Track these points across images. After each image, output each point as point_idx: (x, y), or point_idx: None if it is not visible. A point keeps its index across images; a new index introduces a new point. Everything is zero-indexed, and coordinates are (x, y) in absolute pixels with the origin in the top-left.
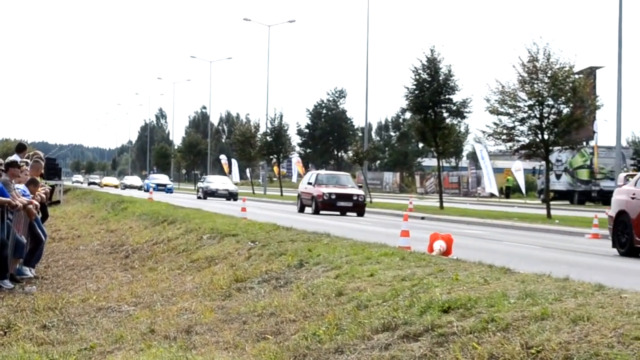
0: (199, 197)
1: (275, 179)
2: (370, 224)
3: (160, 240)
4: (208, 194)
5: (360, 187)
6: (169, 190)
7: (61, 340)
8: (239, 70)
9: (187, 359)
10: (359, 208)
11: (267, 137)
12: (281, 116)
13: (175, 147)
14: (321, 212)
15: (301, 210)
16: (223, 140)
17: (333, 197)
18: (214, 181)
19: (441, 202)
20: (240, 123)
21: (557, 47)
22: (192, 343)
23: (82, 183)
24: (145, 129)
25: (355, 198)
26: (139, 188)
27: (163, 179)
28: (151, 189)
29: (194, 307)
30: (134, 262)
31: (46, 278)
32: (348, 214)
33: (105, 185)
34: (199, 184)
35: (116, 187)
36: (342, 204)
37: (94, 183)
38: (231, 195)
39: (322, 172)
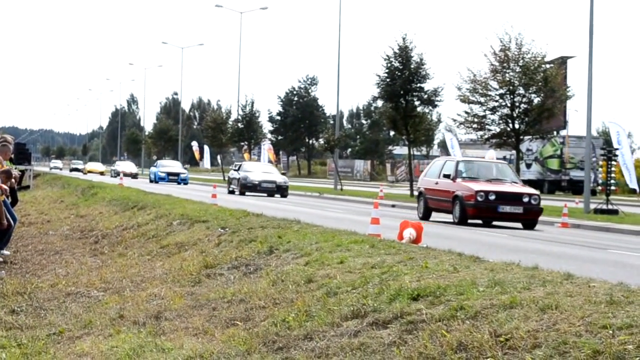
0: (231, 192)
1: None
2: (340, 211)
3: (130, 225)
4: (247, 187)
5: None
6: (183, 181)
7: (30, 325)
8: (211, 56)
9: (156, 344)
10: (531, 217)
11: (239, 124)
12: (252, 103)
13: (146, 133)
14: (470, 220)
15: (425, 216)
16: (194, 127)
17: (492, 197)
18: (254, 170)
19: (412, 190)
20: (211, 109)
21: (529, 37)
22: (161, 329)
23: (61, 169)
24: (116, 115)
25: (526, 200)
26: (135, 176)
27: (175, 166)
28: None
29: (163, 293)
30: (103, 248)
31: (15, 263)
32: (497, 222)
33: (90, 172)
34: (232, 174)
35: (102, 174)
36: (506, 209)
37: (76, 169)
38: (279, 190)
39: (463, 158)
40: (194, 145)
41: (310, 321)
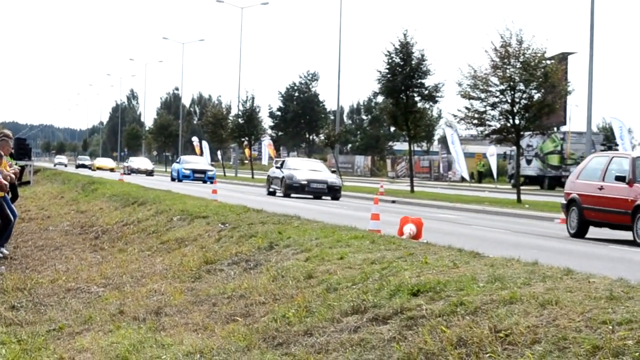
0: (271, 193)
1: (246, 161)
2: (340, 207)
3: (130, 221)
4: (293, 188)
5: None
6: (210, 180)
7: (30, 321)
8: (212, 51)
9: (156, 340)
10: None
11: (239, 120)
12: (253, 98)
13: (147, 129)
14: None
15: (581, 232)
16: (195, 122)
17: None
18: (300, 167)
19: (412, 186)
20: (212, 105)
21: (530, 33)
22: (162, 324)
23: (66, 166)
24: (117, 110)
25: None
26: (150, 173)
27: (200, 162)
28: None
29: (163, 289)
30: (103, 243)
31: (15, 258)
32: None
33: (99, 169)
34: (273, 172)
35: (112, 170)
36: None
37: (83, 166)
38: (330, 191)
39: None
40: (195, 140)
41: (310, 317)
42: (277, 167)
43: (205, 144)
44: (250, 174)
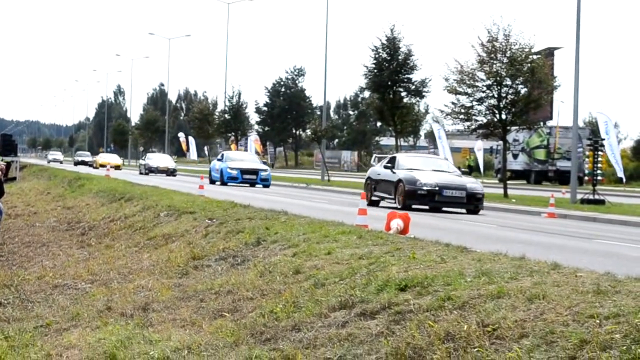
0: (373, 203)
1: None
2: (327, 202)
3: (117, 217)
4: (417, 197)
5: None
6: (264, 182)
7: (17, 318)
8: (198, 47)
9: (143, 336)
10: None
11: (226, 115)
12: (239, 94)
13: (133, 125)
14: None
15: None
16: (181, 118)
17: None
18: (421, 167)
19: None
20: (198, 100)
21: (517, 28)
22: (149, 320)
23: (62, 162)
24: (103, 106)
25: None
26: (172, 173)
27: (247, 159)
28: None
29: (150, 285)
30: (90, 240)
31: (2, 255)
32: None
33: (102, 166)
34: (377, 173)
35: (119, 168)
36: None
37: (83, 163)
38: (470, 201)
39: None
40: (181, 136)
41: (298, 312)
42: (385, 167)
43: (191, 139)
44: None
